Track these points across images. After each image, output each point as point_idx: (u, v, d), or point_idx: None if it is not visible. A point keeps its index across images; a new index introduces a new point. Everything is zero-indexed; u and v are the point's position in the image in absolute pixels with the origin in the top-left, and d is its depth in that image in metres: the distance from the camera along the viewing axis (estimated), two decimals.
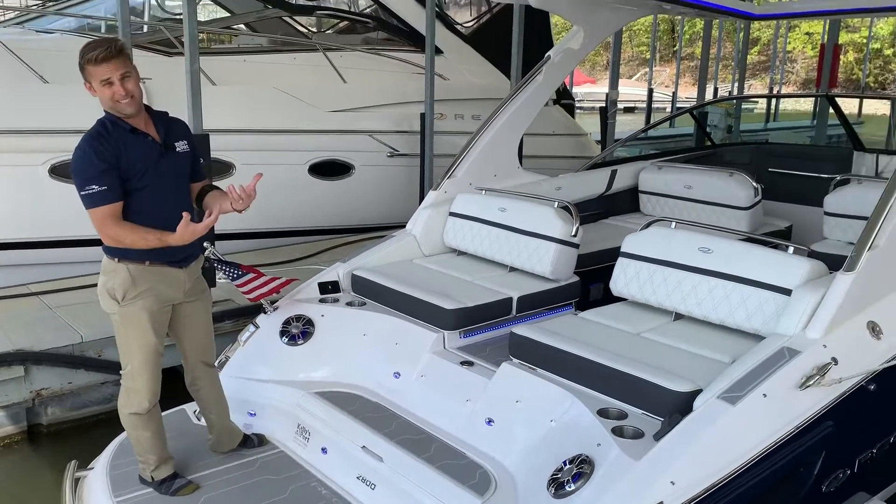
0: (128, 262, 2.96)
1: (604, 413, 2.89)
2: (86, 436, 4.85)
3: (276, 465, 3.36)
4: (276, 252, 7.09)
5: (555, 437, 2.92)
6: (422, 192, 7.63)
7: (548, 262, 4.12)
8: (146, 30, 8.33)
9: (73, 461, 3.39)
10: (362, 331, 3.93)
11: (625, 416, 2.87)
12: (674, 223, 3.79)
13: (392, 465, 3.07)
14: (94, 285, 3.10)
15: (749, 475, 2.50)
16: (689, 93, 23.96)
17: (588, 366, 3.06)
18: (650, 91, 19.21)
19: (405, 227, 4.75)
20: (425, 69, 7.59)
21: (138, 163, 2.91)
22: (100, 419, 5.03)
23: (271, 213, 7.03)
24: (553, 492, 2.62)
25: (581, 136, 10.10)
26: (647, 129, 11.43)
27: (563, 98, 10.03)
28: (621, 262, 3.76)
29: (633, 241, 3.75)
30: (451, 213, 4.66)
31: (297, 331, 3.90)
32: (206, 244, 3.46)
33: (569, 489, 2.58)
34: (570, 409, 2.97)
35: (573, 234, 4.13)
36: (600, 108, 10.70)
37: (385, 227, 6.98)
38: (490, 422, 3.19)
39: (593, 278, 4.55)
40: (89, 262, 3.79)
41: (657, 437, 2.62)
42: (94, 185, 2.81)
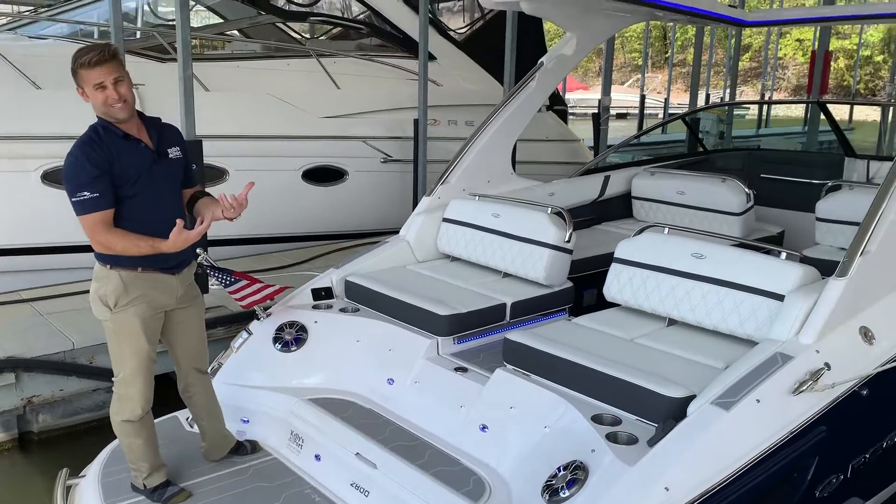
0: (120, 269, 2.95)
1: (598, 419, 2.89)
2: (77, 443, 4.82)
3: (270, 473, 3.34)
4: (269, 258, 7.08)
5: (549, 444, 2.91)
6: (415, 198, 7.63)
7: (541, 268, 4.12)
8: (139, 36, 8.31)
9: (65, 469, 3.37)
10: (356, 337, 3.92)
11: (619, 421, 2.87)
12: (667, 229, 3.80)
13: (386, 471, 3.06)
14: (86, 292, 3.09)
15: (743, 481, 2.51)
16: (681, 99, 24.09)
17: (582, 372, 3.06)
18: (642, 97, 19.31)
19: (399, 232, 4.75)
20: (418, 75, 7.60)
21: (131, 169, 2.90)
22: (91, 426, 4.99)
23: (264, 219, 7.01)
24: (547, 498, 2.62)
25: (574, 141, 10.12)
26: (639, 135, 11.51)
27: (556, 104, 10.05)
28: (615, 267, 3.77)
29: (627, 246, 3.76)
30: (445, 219, 4.67)
31: (291, 337, 3.89)
32: (198, 250, 3.45)
33: (563, 495, 2.57)
34: (564, 415, 2.97)
35: (566, 239, 4.13)
36: (593, 114, 10.73)
37: (378, 232, 6.99)
38: (484, 428, 3.19)
39: (587, 284, 4.56)
40: (81, 268, 3.77)
41: (651, 442, 2.62)
42: (85, 191, 2.79)
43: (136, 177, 2.91)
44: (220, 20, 9.62)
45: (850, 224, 4.39)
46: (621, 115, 24.94)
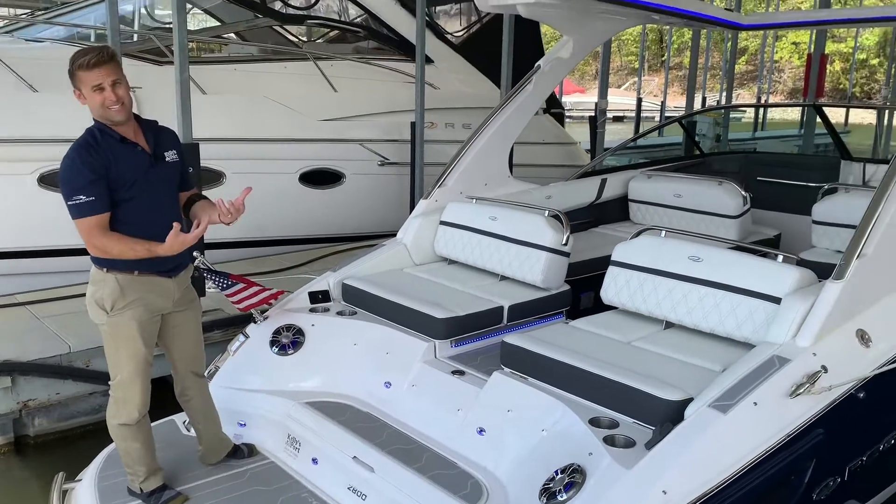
0: (116, 272, 2.95)
1: (595, 422, 2.88)
2: (73, 447, 4.81)
3: (267, 476, 3.34)
4: (266, 261, 7.07)
5: (546, 447, 2.91)
6: (412, 201, 7.63)
7: (538, 271, 4.12)
8: (136, 38, 8.31)
9: (61, 473, 3.35)
10: (353, 340, 3.92)
11: (616, 424, 2.87)
12: (664, 232, 3.81)
13: (383, 475, 3.05)
14: (83, 295, 3.08)
15: (741, 483, 2.51)
16: (677, 102, 24.13)
17: (579, 375, 3.06)
18: (639, 100, 19.34)
19: (396, 235, 4.75)
20: (415, 78, 7.61)
21: (128, 173, 2.89)
22: (88, 430, 4.98)
23: (262, 222, 7.01)
24: (545, 501, 2.61)
25: (571, 144, 10.13)
26: (636, 138, 11.52)
27: (553, 107, 10.07)
28: (612, 270, 3.77)
29: (624, 249, 3.76)
30: (442, 222, 4.67)
31: (288, 340, 3.89)
32: (195, 253, 3.45)
33: (560, 499, 2.57)
34: (562, 418, 2.97)
35: (564, 242, 4.14)
36: (590, 117, 10.74)
37: (376, 235, 6.98)
38: (481, 431, 3.18)
39: (584, 287, 4.56)
40: (78, 271, 3.76)
41: (649, 445, 2.62)
42: (81, 195, 2.79)
43: (132, 181, 2.90)
44: (217, 23, 9.61)
45: (847, 227, 4.40)
46: (618, 118, 25.02)
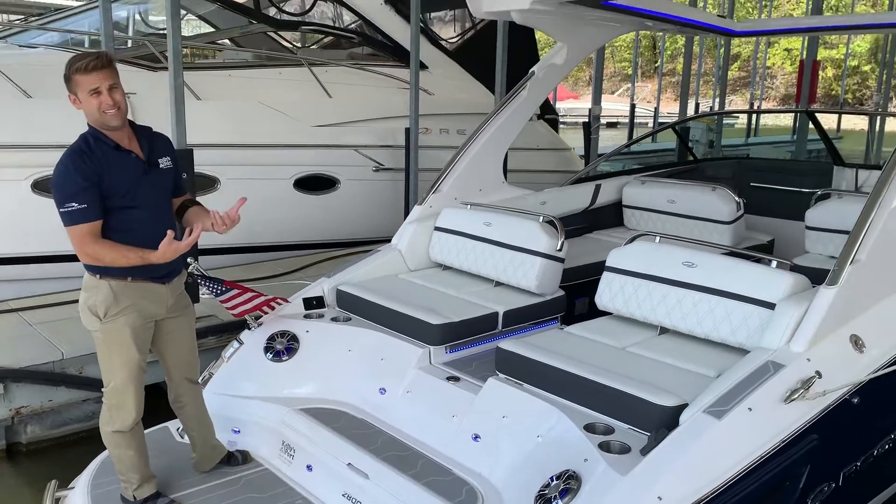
0: (109, 279, 2.94)
1: (590, 428, 2.88)
2: (66, 454, 4.79)
3: (261, 483, 3.32)
4: (260, 267, 7.06)
5: (541, 453, 2.91)
6: (407, 207, 7.63)
7: (533, 277, 4.12)
8: (130, 44, 8.30)
9: (54, 480, 3.34)
10: (347, 346, 3.91)
11: (611, 430, 2.87)
12: (658, 237, 3.81)
13: (378, 481, 3.04)
14: (76, 301, 3.07)
15: (736, 489, 2.51)
16: (670, 108, 24.25)
17: (574, 381, 3.06)
18: (632, 106, 19.40)
19: (390, 241, 4.75)
20: (410, 84, 7.62)
21: (121, 181, 2.89)
22: (81, 437, 4.96)
23: (256, 228, 6.99)
24: None
25: (565, 150, 10.16)
26: (630, 144, 11.55)
27: (547, 113, 10.10)
28: (606, 276, 3.77)
29: (618, 255, 3.77)
30: (437, 228, 4.66)
31: (282, 347, 3.87)
32: (189, 260, 3.44)
33: None
34: (557, 424, 2.97)
35: (558, 248, 4.14)
36: (583, 123, 10.78)
37: (370, 241, 6.98)
38: (477, 437, 3.18)
39: (578, 292, 4.56)
40: (71, 277, 3.75)
41: (644, 451, 2.62)
42: (73, 202, 2.78)
43: (126, 188, 2.90)
44: (212, 29, 9.61)
45: (840, 232, 4.41)
46: (611, 124, 25.07)
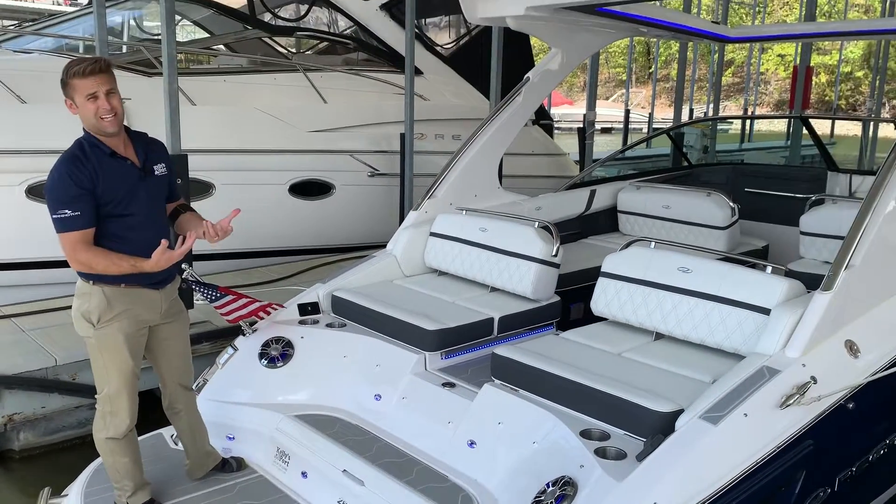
0: (103, 285, 2.92)
1: (586, 434, 2.88)
2: (59, 461, 4.75)
3: (256, 490, 3.30)
4: (255, 273, 7.04)
5: (537, 459, 2.90)
6: (402, 212, 7.62)
7: (529, 282, 4.12)
8: (125, 50, 8.28)
9: (47, 488, 3.32)
10: (342, 353, 3.90)
11: (607, 436, 2.87)
12: (653, 243, 3.82)
13: (373, 488, 3.03)
14: (69, 307, 3.05)
15: (731, 495, 2.50)
16: (665, 114, 24.32)
17: (570, 386, 3.06)
18: (627, 112, 19.46)
19: (386, 247, 4.74)
20: (405, 89, 7.63)
21: (116, 188, 2.88)
22: (74, 444, 4.93)
23: (251, 234, 6.97)
24: None
25: (560, 155, 10.18)
26: (624, 150, 11.58)
27: (542, 118, 10.11)
28: (602, 281, 3.77)
29: (613, 260, 3.77)
30: (432, 234, 4.66)
31: (277, 353, 3.86)
32: (183, 265, 3.43)
33: None
34: (553, 430, 2.96)
35: (554, 253, 4.14)
36: (578, 128, 10.78)
37: (365, 247, 6.96)
38: (472, 444, 3.17)
39: (574, 298, 4.56)
40: (65, 283, 3.73)
41: (640, 457, 2.62)
42: (66, 209, 2.77)
43: (121, 196, 2.89)
44: (207, 35, 9.60)
45: (835, 238, 4.43)
46: (606, 130, 25.16)
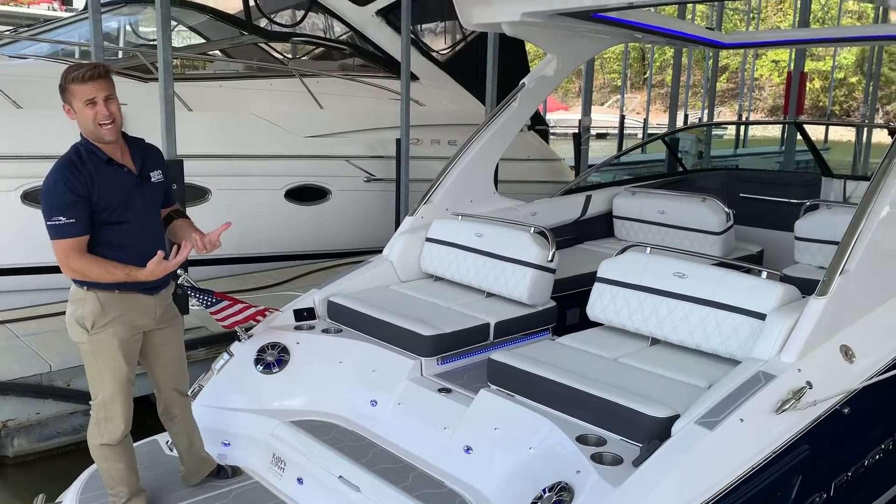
0: (97, 291, 2.91)
1: (583, 439, 2.88)
2: (54, 468, 4.73)
3: (251, 497, 3.29)
4: (250, 278, 7.03)
5: (534, 465, 2.90)
6: (398, 218, 7.62)
7: (524, 288, 4.12)
8: (121, 55, 8.28)
9: (41, 495, 3.31)
10: (338, 358, 3.89)
11: (604, 442, 2.87)
12: (648, 248, 3.82)
13: (369, 494, 3.02)
14: (64, 313, 3.04)
15: (728, 500, 2.50)
16: (659, 119, 24.41)
17: (566, 392, 3.06)
18: (622, 117, 19.48)
19: (382, 252, 4.74)
20: (401, 95, 7.64)
21: (112, 196, 2.87)
22: (69, 450, 4.90)
23: (247, 239, 6.97)
24: None
25: (556, 161, 10.20)
26: (620, 155, 11.60)
27: (538, 124, 10.14)
28: (597, 287, 3.78)
29: (609, 266, 3.77)
30: (428, 239, 4.66)
31: (272, 359, 3.85)
32: (179, 271, 3.42)
33: None
34: (549, 435, 2.96)
35: (549, 259, 4.14)
36: (574, 134, 10.84)
37: (361, 252, 6.96)
38: (468, 449, 3.16)
39: (570, 303, 4.57)
40: (60, 289, 3.72)
41: (636, 463, 2.62)
42: (61, 216, 2.76)
43: (117, 203, 2.88)
44: (203, 40, 9.61)
45: (829, 243, 4.44)
46: (601, 135, 25.18)
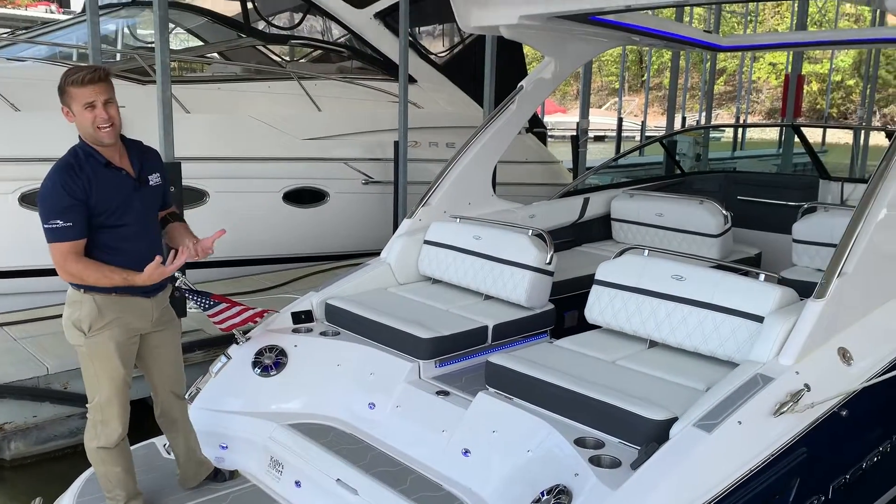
0: (94, 293, 2.91)
1: (581, 442, 2.88)
2: (51, 471, 4.72)
3: (249, 500, 3.29)
4: (248, 281, 7.01)
5: (532, 467, 2.90)
6: (396, 220, 7.62)
7: (522, 290, 4.12)
8: (119, 58, 8.28)
9: (38, 498, 3.29)
10: (336, 361, 3.88)
11: (602, 445, 2.87)
12: (646, 251, 3.83)
13: (367, 497, 3.02)
14: (61, 315, 3.03)
15: (726, 503, 2.50)
16: (657, 122, 24.42)
17: (564, 394, 3.06)
18: (620, 120, 19.50)
19: (380, 255, 4.74)
20: (399, 97, 7.64)
21: (111, 199, 2.87)
22: (66, 453, 4.89)
23: (245, 242, 6.96)
24: None
25: (554, 163, 10.20)
26: (617, 158, 11.62)
27: (536, 126, 10.14)
28: (595, 289, 3.78)
29: (607, 268, 3.77)
30: (426, 241, 4.66)
31: (270, 361, 3.85)
32: (176, 274, 3.42)
33: None
34: (547, 438, 2.96)
35: (547, 261, 4.14)
36: (571, 136, 10.82)
37: (359, 254, 6.96)
38: (467, 452, 3.16)
39: (568, 306, 4.57)
40: (57, 291, 3.72)
41: (634, 466, 2.62)
42: (58, 220, 2.76)
43: (115, 206, 2.88)
44: (201, 43, 9.61)
45: (827, 245, 4.45)
46: (599, 138, 25.23)
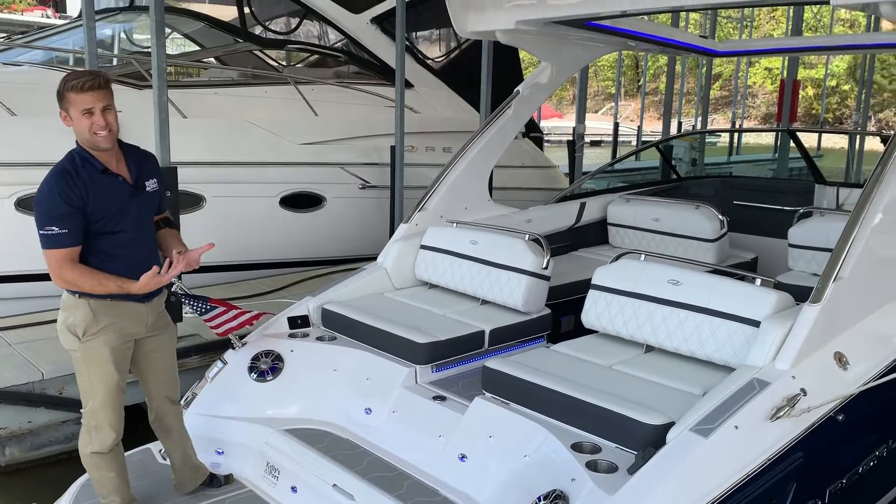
0: (89, 298, 2.90)
1: (577, 447, 2.88)
2: (46, 477, 4.69)
3: None
4: (244, 285, 6.99)
5: (529, 472, 2.89)
6: (392, 225, 7.62)
7: (519, 295, 4.12)
8: (115, 63, 8.27)
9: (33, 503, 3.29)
10: (332, 366, 3.88)
11: (598, 449, 2.86)
12: (643, 255, 3.83)
13: (364, 503, 3.01)
14: (56, 321, 3.03)
15: None
16: (653, 126, 24.47)
17: (561, 399, 3.05)
18: (616, 125, 19.56)
19: (376, 259, 4.73)
20: (395, 102, 7.64)
21: (107, 206, 2.86)
22: (61, 459, 4.87)
23: (242, 246, 6.95)
24: None
25: (550, 168, 10.22)
26: (614, 163, 11.63)
27: (532, 131, 10.15)
28: (592, 294, 3.78)
29: (604, 273, 3.78)
30: (423, 246, 4.66)
31: (266, 367, 3.84)
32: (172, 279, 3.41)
33: None
34: (544, 443, 2.96)
35: (544, 266, 4.15)
36: (568, 141, 10.83)
37: (356, 259, 6.95)
38: (463, 457, 3.16)
39: (564, 310, 4.57)
40: (53, 296, 3.71)
41: (631, 470, 2.62)
42: (53, 226, 2.75)
43: (112, 213, 2.88)
44: (198, 48, 9.61)
45: (823, 250, 4.46)
46: (595, 143, 25.30)
